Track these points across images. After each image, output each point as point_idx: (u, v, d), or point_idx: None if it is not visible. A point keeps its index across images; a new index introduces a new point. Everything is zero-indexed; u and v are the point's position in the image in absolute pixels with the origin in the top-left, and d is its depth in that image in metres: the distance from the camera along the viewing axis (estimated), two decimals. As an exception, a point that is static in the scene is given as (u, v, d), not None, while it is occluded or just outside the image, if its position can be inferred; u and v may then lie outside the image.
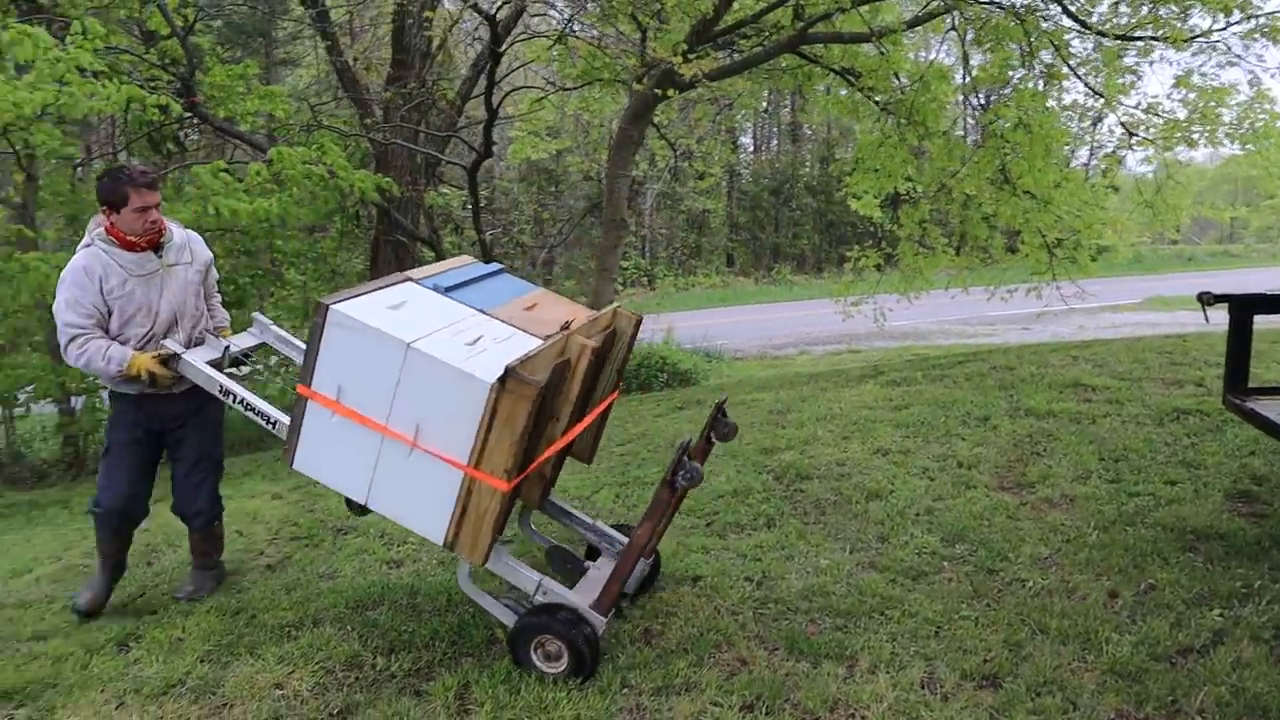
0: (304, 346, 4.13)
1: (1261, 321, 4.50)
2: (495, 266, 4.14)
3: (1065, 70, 10.31)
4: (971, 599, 3.92)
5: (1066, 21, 9.84)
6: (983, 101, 11.77)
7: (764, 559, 4.41)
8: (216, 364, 4.18)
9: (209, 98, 10.62)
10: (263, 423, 3.84)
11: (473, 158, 11.93)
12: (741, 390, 8.78)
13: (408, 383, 3.29)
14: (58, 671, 3.81)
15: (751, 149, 40.34)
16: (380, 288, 3.59)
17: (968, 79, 10.24)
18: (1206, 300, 4.54)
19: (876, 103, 11.01)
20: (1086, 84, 10.69)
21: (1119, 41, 9.73)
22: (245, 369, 4.43)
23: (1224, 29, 9.82)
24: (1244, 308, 4.44)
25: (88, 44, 7.98)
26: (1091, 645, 3.49)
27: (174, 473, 4.54)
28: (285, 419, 3.67)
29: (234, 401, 3.94)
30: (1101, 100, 10.42)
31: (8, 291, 8.21)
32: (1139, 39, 9.71)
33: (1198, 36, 9.77)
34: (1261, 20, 9.43)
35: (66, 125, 10.60)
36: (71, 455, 10.70)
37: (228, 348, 4.28)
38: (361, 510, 3.58)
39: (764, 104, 34.43)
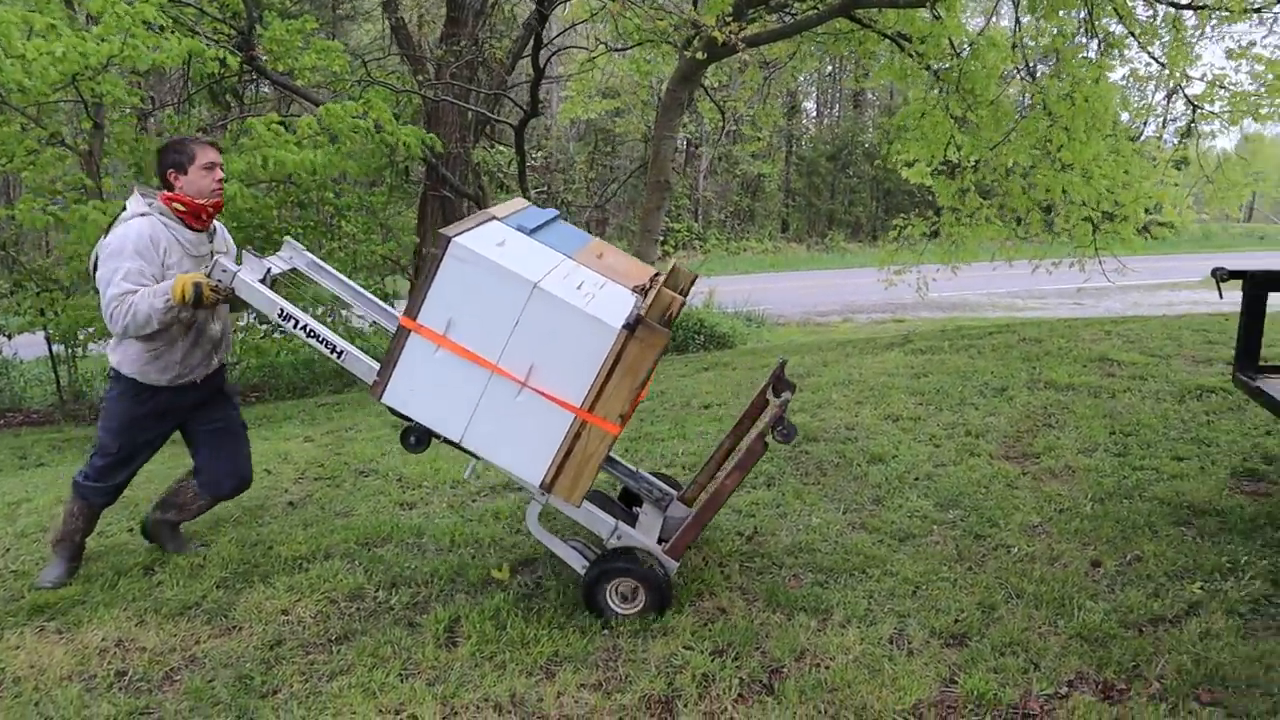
0: (337, 274, 4.21)
1: None
2: (553, 212, 4.09)
3: (1127, 39, 10.12)
4: (954, 561, 4.01)
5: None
6: (1040, 70, 11.59)
7: (758, 515, 4.54)
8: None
9: (268, 52, 10.85)
10: (326, 351, 3.66)
11: (520, 116, 12.05)
12: (769, 355, 8.88)
13: (528, 322, 3.31)
14: (87, 590, 4.08)
15: (814, 114, 39.96)
16: (476, 224, 3.51)
17: (1017, 48, 10.08)
18: (1220, 276, 4.53)
19: (928, 68, 10.90)
20: (1149, 53, 10.48)
21: (1172, 9, 9.53)
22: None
23: (1292, -1, 9.57)
24: (1258, 284, 4.43)
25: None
26: (1064, 611, 3.57)
27: (223, 454, 4.30)
28: (352, 349, 3.66)
29: (295, 326, 3.67)
30: (1165, 71, 10.21)
31: (70, 239, 8.59)
32: (1196, 7, 9.51)
33: (1259, 9, 9.55)
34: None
35: (140, 76, 10.94)
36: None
37: (269, 269, 4.01)
38: (416, 446, 3.55)
39: (828, 68, 34.04)
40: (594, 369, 3.31)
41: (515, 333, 3.32)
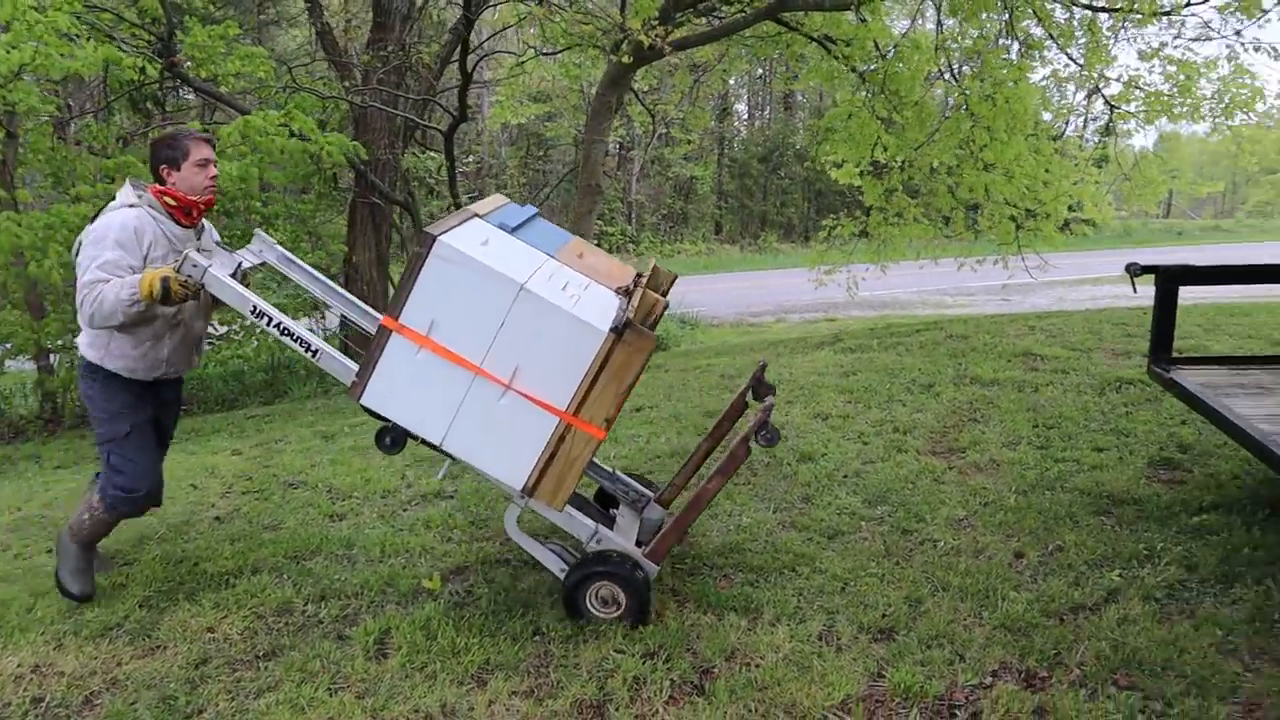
0: (309, 269, 4.13)
1: (1225, 293, 4.62)
2: (532, 209, 4.03)
3: (1046, 41, 10.36)
4: (882, 557, 4.07)
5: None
6: (964, 71, 11.80)
7: (689, 517, 4.56)
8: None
9: (190, 58, 10.61)
10: (301, 350, 3.60)
11: (448, 121, 11.96)
12: (701, 356, 8.93)
13: (513, 324, 3.26)
14: (1, 615, 3.96)
15: (746, 116, 40.26)
16: (459, 222, 3.45)
17: (940, 50, 10.27)
18: (1134, 272, 4.66)
19: (854, 70, 11.04)
20: (1068, 55, 10.74)
21: (1088, 12, 9.78)
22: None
23: (1201, 2, 9.88)
24: (1169, 279, 4.57)
25: (67, 6, 8.03)
26: (988, 602, 3.65)
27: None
28: (327, 348, 3.59)
29: (269, 324, 3.58)
30: (1083, 71, 10.47)
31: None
32: (1109, 10, 9.76)
33: (1169, 12, 9.83)
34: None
35: (56, 84, 10.66)
36: (49, 411, 10.83)
37: (240, 264, 3.93)
38: (392, 448, 3.50)
39: (758, 71, 34.32)
40: (580, 372, 3.29)
41: (500, 334, 3.29)
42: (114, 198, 3.89)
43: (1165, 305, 4.59)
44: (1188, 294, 4.76)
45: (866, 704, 3.06)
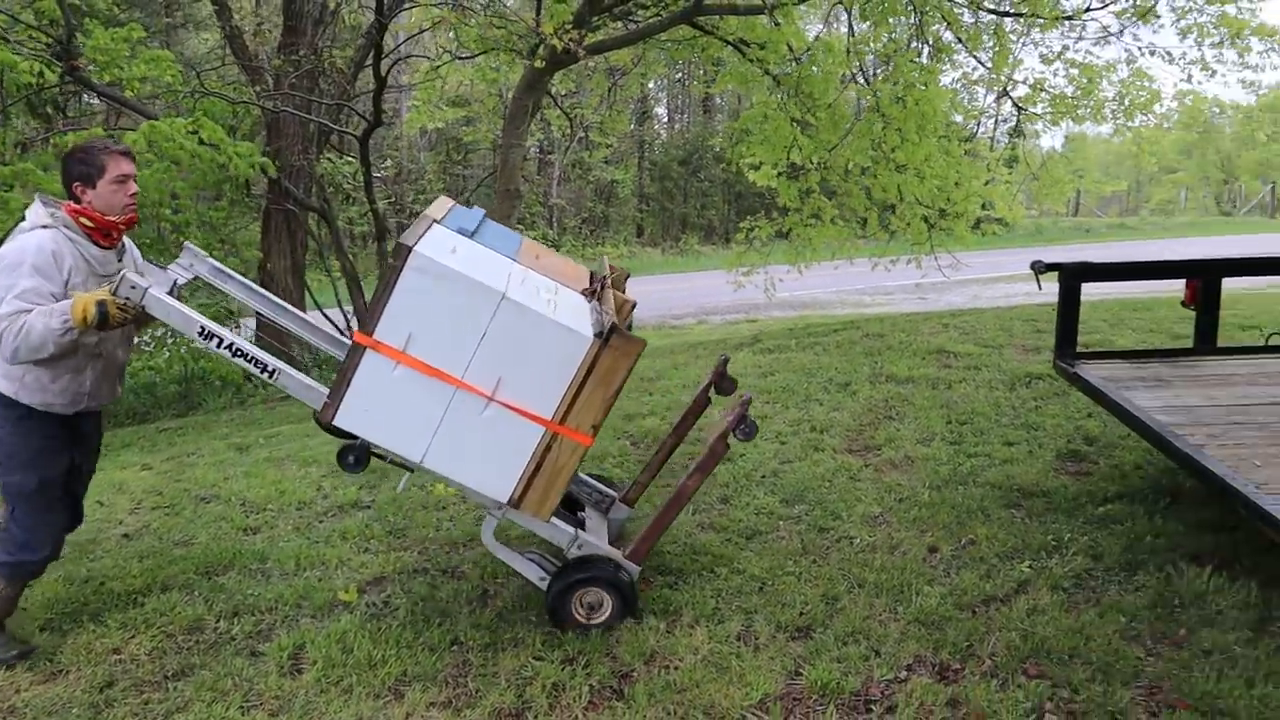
0: (243, 280, 3.95)
1: (1130, 289, 4.73)
2: (480, 212, 3.87)
3: (956, 45, 10.61)
4: (799, 556, 4.12)
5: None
6: (876, 74, 12.01)
7: (609, 521, 4.55)
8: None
9: (92, 62, 10.27)
10: (256, 370, 3.40)
11: (363, 127, 11.80)
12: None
13: (496, 334, 3.18)
14: (-107, 644, 3.79)
15: (666, 119, 40.42)
16: (424, 230, 3.30)
17: (851, 53, 10.44)
18: (1038, 269, 4.79)
19: (768, 72, 11.15)
20: (976, 58, 11.01)
21: (993, 16, 10.05)
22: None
23: (1101, 8, 10.22)
24: (1072, 276, 4.70)
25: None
26: (903, 597, 3.71)
27: (77, 490, 3.94)
28: (286, 368, 3.42)
29: (218, 345, 3.38)
30: (991, 74, 10.75)
31: None
32: (1013, 14, 10.04)
33: (1070, 16, 10.14)
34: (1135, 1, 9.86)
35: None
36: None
37: (176, 281, 3.74)
38: (355, 467, 3.40)
39: (677, 74, 34.48)
40: (565, 380, 3.23)
41: (482, 345, 3.21)
42: (21, 216, 3.61)
43: (1068, 302, 4.73)
44: (1096, 290, 4.90)
45: (784, 702, 3.09)
